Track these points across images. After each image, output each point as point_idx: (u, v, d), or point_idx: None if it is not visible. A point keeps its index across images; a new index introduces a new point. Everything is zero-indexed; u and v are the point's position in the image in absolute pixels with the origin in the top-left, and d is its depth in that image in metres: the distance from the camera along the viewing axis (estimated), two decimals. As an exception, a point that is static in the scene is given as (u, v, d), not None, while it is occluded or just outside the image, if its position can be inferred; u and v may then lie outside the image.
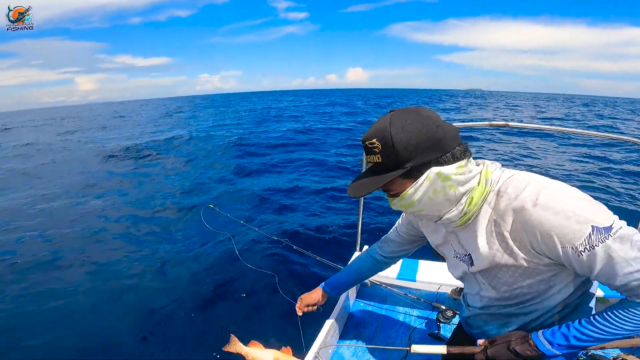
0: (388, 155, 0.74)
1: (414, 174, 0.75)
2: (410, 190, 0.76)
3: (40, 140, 17.53)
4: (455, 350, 0.98)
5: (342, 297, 1.71)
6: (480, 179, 0.78)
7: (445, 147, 0.73)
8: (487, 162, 0.83)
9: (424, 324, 1.78)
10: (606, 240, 0.66)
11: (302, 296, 1.36)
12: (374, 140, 0.75)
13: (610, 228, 0.67)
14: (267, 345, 1.14)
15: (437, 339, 1.65)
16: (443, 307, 1.80)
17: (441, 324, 1.72)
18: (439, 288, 1.93)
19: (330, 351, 1.53)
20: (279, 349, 1.12)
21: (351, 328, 1.72)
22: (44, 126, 29.23)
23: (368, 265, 1.31)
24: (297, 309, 1.35)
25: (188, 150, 11.46)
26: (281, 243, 2.64)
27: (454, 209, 0.79)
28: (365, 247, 2.37)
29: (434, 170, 0.73)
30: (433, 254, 1.16)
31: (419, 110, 0.75)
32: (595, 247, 0.67)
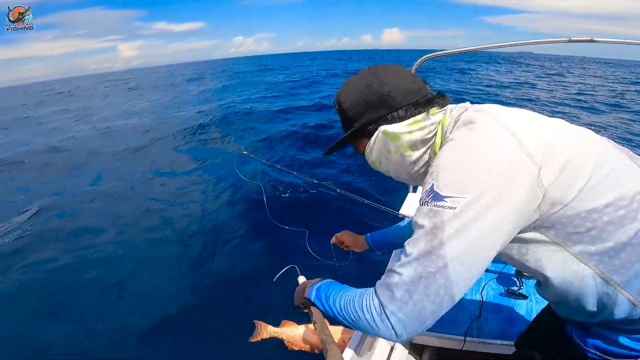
0: (341, 115, 0.73)
1: (367, 133, 0.70)
2: (366, 150, 0.71)
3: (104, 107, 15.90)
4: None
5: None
6: (437, 130, 0.65)
7: (393, 104, 0.65)
8: (450, 107, 0.66)
9: (496, 280, 1.45)
10: (425, 204, 0.54)
11: (346, 232, 1.20)
12: (335, 103, 0.74)
13: (440, 197, 0.52)
14: (300, 321, 0.99)
15: (520, 297, 1.33)
16: (523, 257, 1.43)
17: (524, 279, 1.38)
18: None
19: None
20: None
21: None
22: (99, 91, 29.83)
23: None
24: (333, 237, 1.21)
25: (239, 116, 10.37)
26: (323, 187, 2.37)
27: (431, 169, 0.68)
28: (420, 189, 2.04)
29: (381, 129, 0.67)
30: None
31: (374, 68, 0.70)
32: (420, 205, 0.56)
